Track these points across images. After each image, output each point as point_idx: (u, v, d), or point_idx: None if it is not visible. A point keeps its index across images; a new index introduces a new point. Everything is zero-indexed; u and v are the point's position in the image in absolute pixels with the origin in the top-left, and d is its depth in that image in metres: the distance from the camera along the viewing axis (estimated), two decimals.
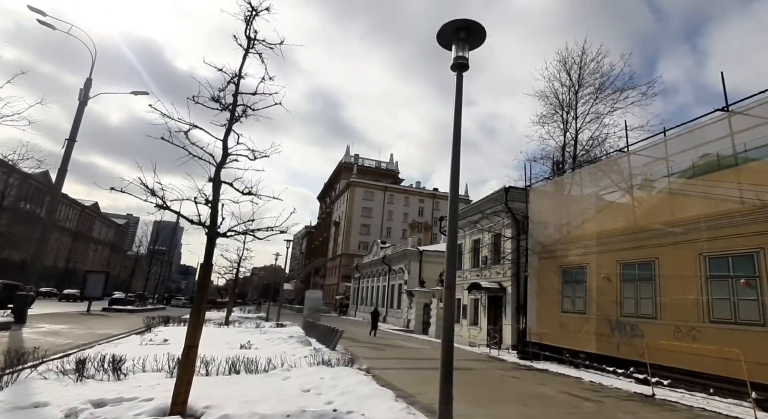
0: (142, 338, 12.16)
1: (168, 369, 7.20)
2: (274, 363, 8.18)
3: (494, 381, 10.92)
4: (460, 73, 4.85)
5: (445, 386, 4.79)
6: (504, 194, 20.38)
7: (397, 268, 37.45)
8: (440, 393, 4.65)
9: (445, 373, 4.76)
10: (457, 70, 4.84)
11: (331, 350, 14.85)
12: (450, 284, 4.79)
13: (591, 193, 14.03)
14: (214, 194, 5.61)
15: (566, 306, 14.28)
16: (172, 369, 7.22)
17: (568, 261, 14.47)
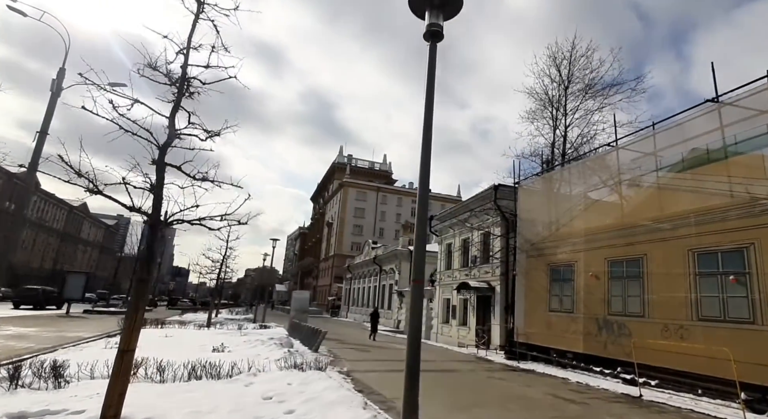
0: (107, 342, 11.65)
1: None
2: (240, 368, 7.74)
3: (478, 383, 10.56)
4: (434, 42, 4.44)
5: (410, 391, 4.34)
6: (493, 192, 20.05)
7: (388, 269, 37.06)
8: (404, 401, 4.23)
9: (410, 378, 4.32)
10: (430, 40, 4.43)
11: (313, 352, 14.44)
12: (418, 277, 4.41)
13: (580, 190, 13.74)
14: (157, 178, 5.19)
15: (554, 305, 13.96)
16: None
17: (557, 259, 14.15)
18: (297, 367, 8.08)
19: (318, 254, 78.15)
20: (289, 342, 14.80)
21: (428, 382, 10.40)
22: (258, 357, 9.64)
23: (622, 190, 12.11)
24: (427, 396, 9.24)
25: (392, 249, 36.65)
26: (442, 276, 26.28)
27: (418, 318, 4.33)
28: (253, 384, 6.86)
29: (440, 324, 25.09)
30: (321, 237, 77.77)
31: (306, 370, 8.01)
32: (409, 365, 4.40)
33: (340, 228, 66.11)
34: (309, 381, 7.22)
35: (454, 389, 9.62)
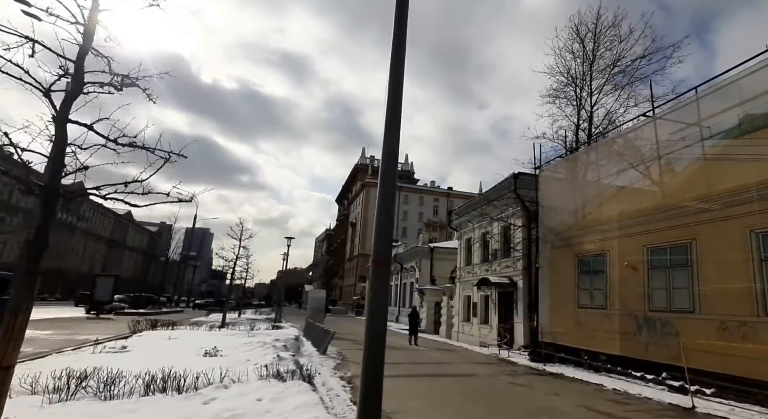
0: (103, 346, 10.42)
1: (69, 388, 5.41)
2: (211, 378, 6.24)
3: (497, 391, 8.75)
4: None
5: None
6: (513, 181, 18.10)
7: (408, 266, 35.31)
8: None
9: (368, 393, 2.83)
10: None
11: (321, 354, 12.93)
12: (381, 258, 2.84)
13: (610, 171, 11.70)
14: (56, 137, 3.80)
15: (583, 300, 11.94)
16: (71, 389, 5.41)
17: (585, 249, 12.14)
18: (278, 377, 6.53)
19: (343, 254, 77.11)
20: (295, 344, 13.33)
21: (439, 389, 8.68)
22: (247, 363, 8.18)
23: (661, 166, 10.04)
24: (434, 407, 7.48)
25: (412, 247, 34.90)
26: (461, 272, 24.35)
27: (379, 312, 2.77)
28: (215, 401, 5.36)
29: (461, 322, 23.17)
30: (346, 238, 76.72)
31: (287, 380, 6.45)
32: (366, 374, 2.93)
33: (363, 229, 64.80)
34: (284, 396, 5.65)
35: (469, 398, 7.86)
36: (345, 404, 6.97)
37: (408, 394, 8.04)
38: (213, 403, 5.27)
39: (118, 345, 10.23)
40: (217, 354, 9.32)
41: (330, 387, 8.29)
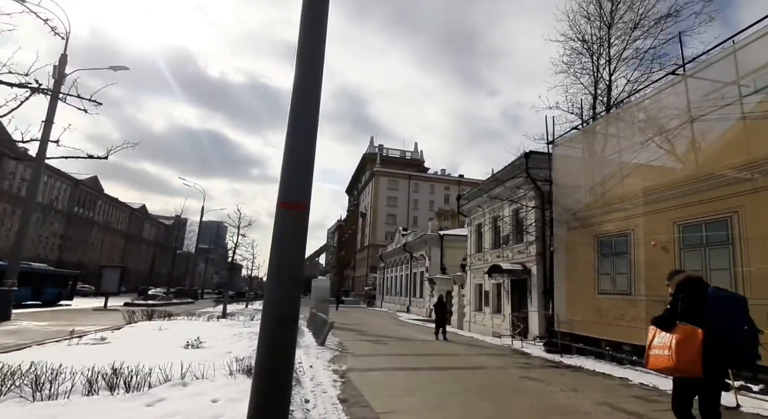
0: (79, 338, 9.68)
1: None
2: (170, 374, 5.35)
3: (508, 387, 7.69)
4: None
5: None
6: (524, 160, 16.86)
7: (418, 255, 34.28)
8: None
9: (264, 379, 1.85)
10: None
11: (319, 345, 12.05)
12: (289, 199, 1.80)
13: (634, 140, 10.40)
14: None
15: (604, 286, 10.75)
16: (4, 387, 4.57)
17: (606, 229, 10.92)
18: (249, 372, 5.59)
19: (354, 245, 76.43)
20: None
21: (443, 384, 7.64)
22: (227, 355, 7.30)
23: (694, 131, 8.72)
24: (434, 405, 6.23)
25: (422, 235, 33.82)
26: (472, 259, 23.23)
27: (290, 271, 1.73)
28: (162, 402, 4.47)
29: (473, 312, 22.11)
30: (356, 229, 75.96)
31: None
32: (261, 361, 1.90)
33: (373, 218, 63.86)
34: (247, 396, 4.68)
35: (475, 395, 6.83)
36: (330, 402, 6.03)
37: (406, 390, 7.07)
38: (158, 405, 4.37)
39: (98, 337, 9.46)
40: (200, 346, 8.49)
41: (318, 382, 7.38)
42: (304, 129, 1.98)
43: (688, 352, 3.48)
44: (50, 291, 27.87)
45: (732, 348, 3.47)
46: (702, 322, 3.53)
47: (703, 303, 3.63)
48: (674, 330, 3.65)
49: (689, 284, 3.88)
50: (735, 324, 3.51)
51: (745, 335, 3.50)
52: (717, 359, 3.47)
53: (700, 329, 3.50)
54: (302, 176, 1.93)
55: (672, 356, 3.57)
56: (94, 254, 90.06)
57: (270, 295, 1.85)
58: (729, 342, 3.46)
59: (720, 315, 3.52)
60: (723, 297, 3.65)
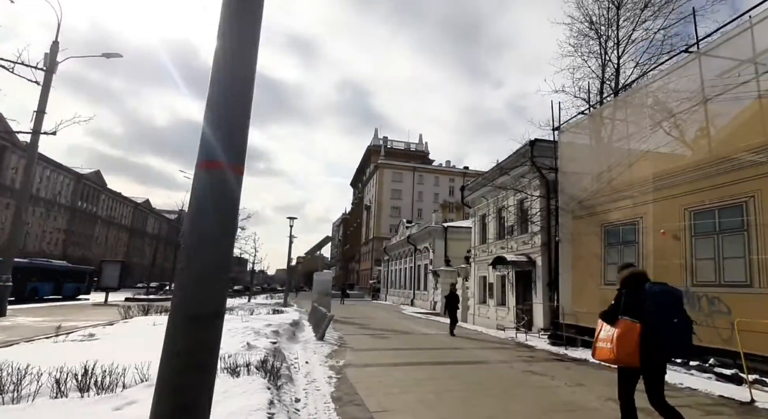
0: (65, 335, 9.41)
1: None
2: (147, 374, 5.06)
3: (510, 382, 7.43)
4: None
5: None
6: (529, 149, 16.47)
7: (422, 248, 34.01)
8: None
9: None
10: None
11: (318, 340, 11.86)
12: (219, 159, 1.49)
13: (643, 123, 10.00)
14: None
15: (610, 276, 10.40)
16: None
17: (613, 217, 10.56)
18: (233, 372, 5.32)
19: (359, 238, 76.32)
20: (290, 330, 12.26)
21: (443, 380, 7.37)
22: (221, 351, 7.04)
23: (707, 112, 8.31)
24: (431, 403, 5.68)
25: (425, 227, 33.54)
26: (476, 251, 22.93)
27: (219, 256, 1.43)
28: (131, 406, 4.18)
29: (477, 305, 21.85)
30: (361, 222, 75.79)
31: (242, 375, 5.24)
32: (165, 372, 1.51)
33: (378, 211, 63.60)
34: (223, 398, 4.40)
35: (476, 391, 6.58)
36: (322, 401, 5.80)
37: (404, 386, 6.82)
38: (127, 409, 4.09)
39: (86, 334, 9.27)
40: None
41: (313, 379, 7.15)
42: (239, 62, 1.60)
43: (627, 345, 3.77)
44: (70, 287, 29.71)
45: (666, 339, 3.72)
46: (641, 316, 3.79)
47: (643, 298, 3.86)
48: (617, 324, 3.93)
49: (632, 280, 4.10)
50: (669, 316, 3.74)
51: (678, 326, 3.72)
52: (653, 350, 3.73)
53: (638, 323, 3.77)
54: (235, 126, 1.57)
55: (613, 349, 3.88)
56: (99, 249, 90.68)
57: (182, 283, 1.46)
58: (664, 333, 3.71)
59: (656, 308, 3.76)
60: (659, 292, 3.88)
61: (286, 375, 6.64)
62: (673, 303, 3.86)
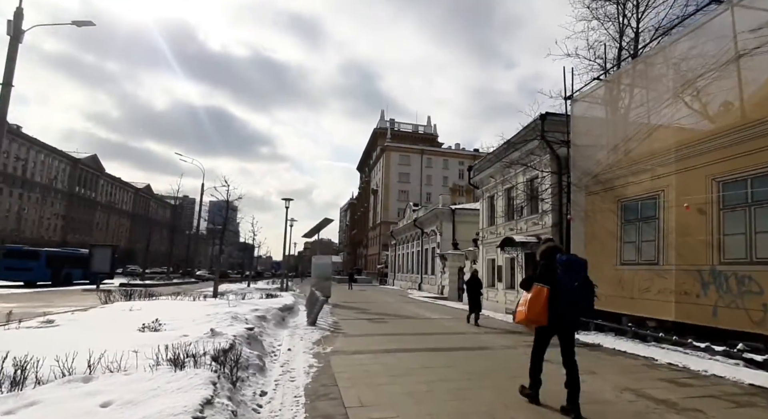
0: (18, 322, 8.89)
1: None
2: (72, 367, 4.38)
3: (514, 370, 6.91)
4: None
5: None
6: (540, 123, 15.72)
7: (429, 231, 33.49)
8: None
9: None
10: None
11: (309, 325, 11.48)
12: None
13: (666, 86, 9.22)
14: None
15: (628, 255, 9.80)
16: None
17: (631, 191, 9.89)
18: (174, 363, 4.72)
19: (366, 223, 75.99)
20: (279, 315, 11.90)
21: (438, 369, 6.77)
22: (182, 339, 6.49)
23: (740, 70, 7.54)
24: (420, 398, 5.10)
25: (432, 210, 32.96)
26: (484, 233, 22.37)
27: None
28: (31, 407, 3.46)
29: (485, 288, 21.35)
30: (368, 206, 75.34)
31: (187, 367, 4.69)
32: None
33: (385, 195, 63.01)
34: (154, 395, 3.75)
35: (473, 381, 6.09)
36: (292, 395, 5.26)
37: (393, 376, 6.33)
38: (22, 413, 3.35)
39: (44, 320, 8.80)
40: (158, 329, 7.78)
41: (290, 369, 6.67)
42: None
43: (536, 306, 4.43)
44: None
45: (570, 300, 4.34)
46: (551, 282, 4.42)
47: (555, 267, 4.47)
48: (531, 290, 4.60)
49: (548, 252, 4.70)
50: (572, 280, 4.36)
51: (579, 288, 4.34)
52: (559, 309, 4.37)
53: (547, 287, 4.42)
54: None
55: (525, 310, 4.56)
56: (100, 235, 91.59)
57: None
58: (567, 295, 4.33)
59: (562, 274, 4.38)
60: (566, 261, 4.51)
61: (257, 366, 6.17)
62: (577, 269, 4.47)
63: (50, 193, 77.72)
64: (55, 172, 79.02)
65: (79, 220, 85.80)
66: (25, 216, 72.03)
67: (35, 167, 73.99)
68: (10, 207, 68.91)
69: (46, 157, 76.74)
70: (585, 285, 4.43)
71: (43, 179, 75.61)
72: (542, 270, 4.64)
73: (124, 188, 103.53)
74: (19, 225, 69.10)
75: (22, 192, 71.03)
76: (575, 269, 4.49)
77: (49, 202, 78.49)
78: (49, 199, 78.16)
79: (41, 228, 76.38)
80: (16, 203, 70.14)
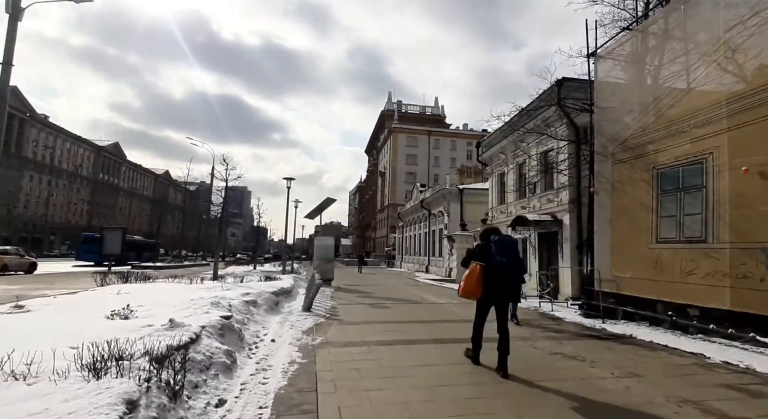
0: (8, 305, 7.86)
1: None
2: None
3: (535, 369, 5.37)
4: None
5: None
6: (556, 90, 13.88)
7: (437, 212, 31.83)
8: None
9: None
10: None
11: (303, 311, 10.08)
12: None
13: (715, 26, 7.35)
14: None
15: (666, 232, 8.09)
16: None
17: (669, 156, 8.11)
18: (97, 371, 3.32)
19: (374, 206, 74.50)
20: (272, 300, 10.48)
21: (441, 367, 5.22)
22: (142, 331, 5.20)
23: None
24: (416, 412, 3.37)
25: (439, 190, 31.24)
26: (494, 212, 20.68)
27: None
28: None
29: None
30: (376, 189, 73.71)
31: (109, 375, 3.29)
32: None
33: (392, 177, 61.25)
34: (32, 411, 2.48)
35: (484, 387, 4.57)
36: (256, 405, 3.90)
37: (386, 376, 4.90)
38: None
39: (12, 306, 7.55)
40: (130, 316, 6.47)
41: (266, 366, 5.29)
42: None
43: (471, 280, 5.00)
44: (146, 256, 38.34)
45: (502, 275, 4.82)
46: (486, 260, 4.95)
47: (489, 247, 4.99)
48: (470, 267, 5.12)
49: (486, 233, 5.24)
50: (502, 257, 4.83)
51: (509, 264, 4.82)
52: (493, 283, 4.88)
53: (480, 264, 4.96)
54: None
55: (462, 285, 5.12)
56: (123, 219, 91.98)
57: None
58: (500, 271, 4.82)
59: (496, 253, 4.87)
60: (498, 241, 4.99)
61: (222, 365, 4.76)
62: (507, 248, 4.92)
63: (76, 179, 78.01)
64: (80, 159, 79.25)
65: (103, 205, 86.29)
66: (53, 201, 72.39)
67: (62, 155, 74.33)
68: (40, 193, 69.30)
69: (72, 145, 76.92)
70: (514, 262, 4.92)
71: (69, 166, 75.81)
72: (478, 249, 5.13)
73: (145, 174, 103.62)
74: (47, 210, 69.37)
75: (50, 178, 71.37)
76: (506, 248, 4.92)
77: (75, 188, 78.93)
78: (75, 186, 78.57)
79: (69, 212, 76.89)
80: (45, 189, 70.59)
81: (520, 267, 5.11)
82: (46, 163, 70.55)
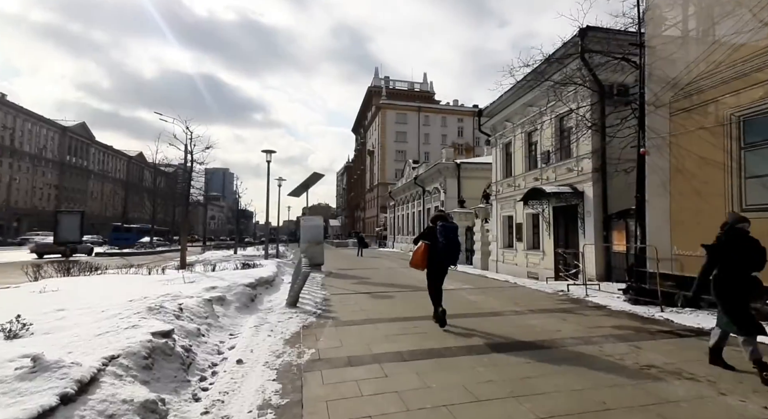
0: None
1: None
2: None
3: (620, 396, 3.62)
4: None
5: None
6: (579, 41, 12.01)
7: (432, 189, 30.03)
8: None
9: None
10: None
11: (287, 306, 8.22)
12: None
13: None
14: None
15: (754, 197, 6.38)
16: None
17: (755, 96, 6.35)
18: None
19: (363, 186, 72.42)
20: (248, 294, 8.55)
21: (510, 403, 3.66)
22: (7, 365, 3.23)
23: None
24: None
25: (435, 165, 29.36)
26: (498, 187, 18.92)
27: None
28: None
29: (501, 249, 18.18)
30: (365, 169, 71.52)
31: None
32: None
33: (381, 156, 59.11)
34: None
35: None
36: None
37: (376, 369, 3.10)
38: None
39: None
40: (20, 334, 4.36)
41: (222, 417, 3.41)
42: None
43: (417, 256, 6.47)
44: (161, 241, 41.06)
45: (441, 253, 6.34)
46: (432, 240, 6.39)
47: (437, 229, 6.37)
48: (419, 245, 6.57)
49: (435, 218, 6.66)
50: (442, 239, 6.28)
51: (447, 244, 6.28)
52: (436, 258, 6.38)
53: (426, 243, 6.43)
54: None
55: (412, 258, 6.58)
56: (95, 204, 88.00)
57: None
58: (440, 250, 6.32)
59: (439, 234, 6.30)
60: (442, 226, 6.38)
61: None
62: (448, 232, 6.32)
63: (41, 162, 73.69)
64: (44, 141, 74.74)
65: (72, 189, 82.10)
66: (17, 186, 68.38)
67: (23, 136, 69.79)
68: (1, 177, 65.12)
69: (34, 125, 72.34)
70: (451, 242, 6.33)
71: (32, 148, 71.42)
72: (427, 231, 6.61)
73: (117, 156, 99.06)
74: (8, 195, 65.45)
75: (11, 161, 67.09)
76: (447, 232, 6.33)
77: (40, 171, 74.60)
78: (40, 168, 74.27)
79: (34, 197, 72.89)
80: (7, 173, 66.34)
81: (456, 247, 6.45)
82: (6, 145, 66.18)
